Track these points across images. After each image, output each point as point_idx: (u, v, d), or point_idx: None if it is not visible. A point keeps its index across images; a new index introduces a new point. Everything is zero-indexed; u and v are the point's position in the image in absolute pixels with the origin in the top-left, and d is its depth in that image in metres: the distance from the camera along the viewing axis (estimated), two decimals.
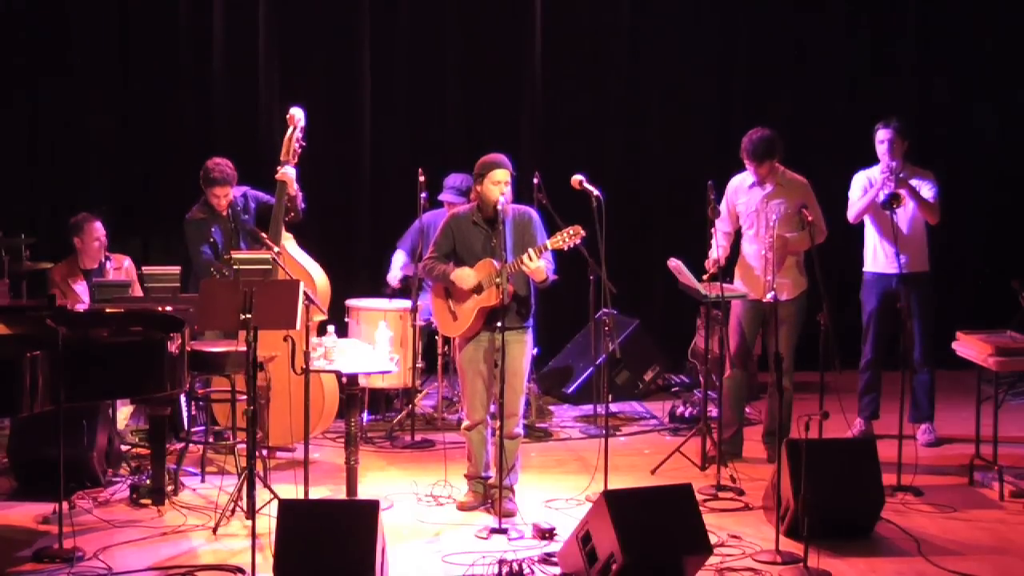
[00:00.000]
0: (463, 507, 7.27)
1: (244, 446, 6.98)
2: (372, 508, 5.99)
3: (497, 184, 7.09)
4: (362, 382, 8.17)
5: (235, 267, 7.30)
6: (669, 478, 7.56)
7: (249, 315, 6.37)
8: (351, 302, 9.10)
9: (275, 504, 6.47)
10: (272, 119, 10.00)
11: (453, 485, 7.48)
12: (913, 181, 8.36)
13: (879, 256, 8.52)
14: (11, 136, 10.26)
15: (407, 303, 8.89)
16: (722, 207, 8.14)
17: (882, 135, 8.40)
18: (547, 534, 6.76)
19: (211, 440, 8.08)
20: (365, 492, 7.37)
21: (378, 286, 9.64)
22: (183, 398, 8.05)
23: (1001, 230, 11.16)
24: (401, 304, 8.99)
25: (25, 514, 7.08)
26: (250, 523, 6.32)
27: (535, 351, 7.48)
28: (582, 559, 6.07)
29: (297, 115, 8.26)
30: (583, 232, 6.98)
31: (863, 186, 8.47)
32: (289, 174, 8.24)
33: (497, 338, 6.93)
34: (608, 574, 5.91)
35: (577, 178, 7.33)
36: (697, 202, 7.94)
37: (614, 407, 9.49)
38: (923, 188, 8.39)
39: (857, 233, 8.69)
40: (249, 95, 10.46)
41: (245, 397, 6.72)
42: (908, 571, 6.41)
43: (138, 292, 8.36)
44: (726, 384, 8.21)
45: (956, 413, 8.91)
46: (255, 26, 10.44)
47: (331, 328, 7.53)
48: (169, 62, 10.43)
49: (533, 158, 10.02)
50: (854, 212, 8.50)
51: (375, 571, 5.80)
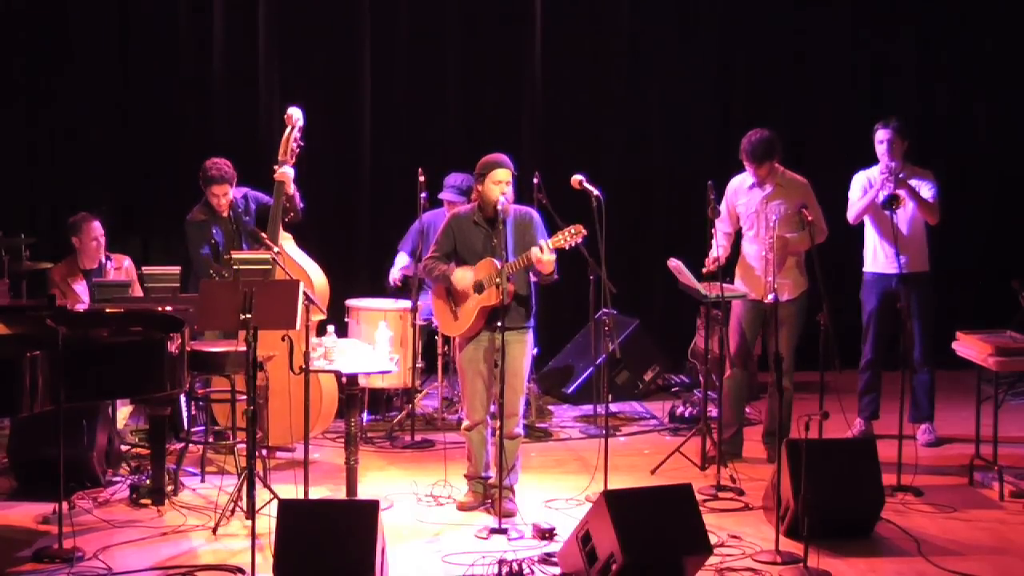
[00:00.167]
0: (463, 507, 7.26)
1: (244, 446, 6.98)
2: (372, 508, 5.99)
3: (498, 184, 7.09)
4: (362, 382, 8.17)
5: (235, 267, 7.30)
6: (669, 478, 7.56)
7: (249, 315, 6.37)
8: (351, 302, 9.10)
9: (275, 504, 6.47)
10: (272, 119, 9.98)
11: (453, 485, 7.48)
12: (913, 181, 8.36)
13: (879, 256, 8.51)
14: (11, 136, 10.25)
15: (407, 303, 8.89)
16: (722, 208, 8.13)
17: (881, 135, 8.39)
18: (547, 534, 6.76)
19: (211, 440, 8.08)
20: (365, 492, 7.37)
21: (378, 286, 9.65)
22: (183, 398, 8.05)
23: (1001, 230, 11.16)
24: (401, 304, 8.99)
25: (25, 514, 7.07)
26: (250, 523, 6.31)
27: (535, 351, 7.48)
28: (582, 559, 6.07)
29: (295, 115, 8.25)
30: (584, 231, 6.98)
31: (863, 187, 8.47)
32: (287, 174, 8.23)
33: (497, 338, 6.93)
34: (608, 574, 5.90)
35: (577, 178, 7.33)
36: (697, 202, 7.94)
37: (614, 407, 9.49)
38: (923, 188, 8.39)
39: (857, 233, 8.69)
40: (249, 95, 10.45)
41: (245, 397, 6.72)
42: (908, 571, 6.41)
43: (138, 292, 8.37)
44: (726, 384, 8.20)
45: (956, 413, 8.91)
46: (255, 26, 10.43)
47: (331, 328, 7.53)
48: (169, 62, 10.42)
49: (533, 158, 10.02)
50: (854, 213, 8.50)
51: (375, 571, 5.80)
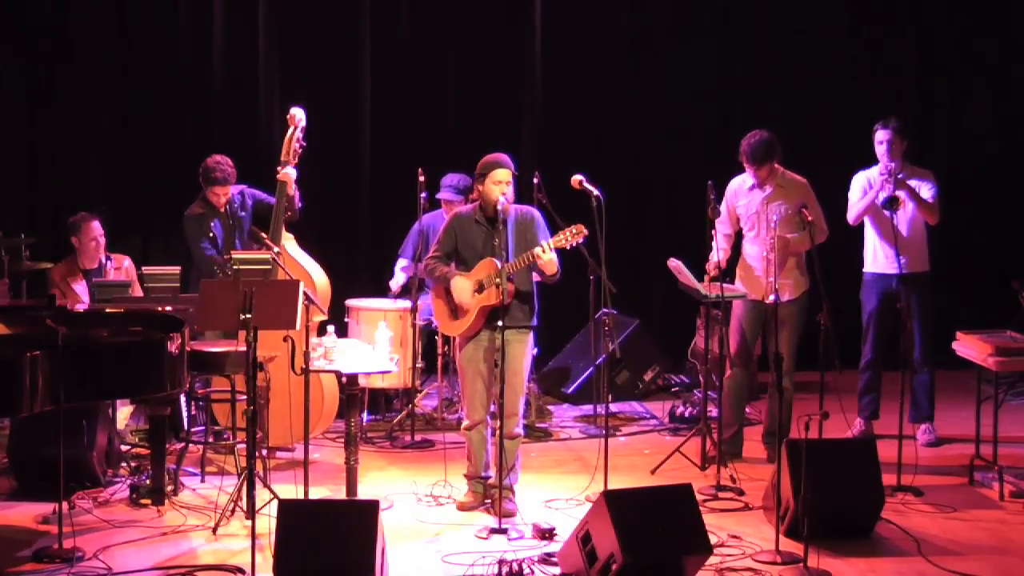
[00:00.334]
0: (463, 507, 7.26)
1: (244, 446, 6.98)
2: (372, 508, 5.99)
3: (498, 184, 7.09)
4: (362, 382, 8.17)
5: (235, 267, 7.30)
6: (669, 478, 7.56)
7: (249, 315, 6.37)
8: (351, 302, 9.10)
9: (275, 504, 6.46)
10: (272, 119, 10.00)
11: (453, 485, 7.48)
12: (912, 181, 8.35)
13: (879, 256, 8.51)
14: (11, 136, 10.25)
15: (407, 303, 8.89)
16: (722, 208, 8.13)
17: (881, 135, 8.39)
18: (547, 534, 6.76)
19: (211, 440, 8.08)
20: (365, 492, 7.37)
21: (378, 286, 9.64)
22: (183, 398, 8.05)
23: (1001, 230, 11.16)
24: (401, 304, 8.99)
25: (25, 514, 7.07)
26: (250, 523, 6.31)
27: (535, 351, 7.48)
28: (582, 559, 6.06)
29: (298, 115, 8.26)
30: (586, 231, 6.98)
31: (862, 187, 8.46)
32: (290, 175, 8.24)
33: (497, 337, 6.93)
34: (608, 574, 5.90)
35: (577, 178, 7.32)
36: (697, 202, 7.94)
37: (614, 407, 9.49)
38: (922, 188, 8.39)
39: (857, 233, 8.68)
40: (249, 95, 10.45)
41: (245, 397, 6.71)
42: (908, 571, 6.40)
43: (138, 292, 8.37)
44: (726, 384, 8.20)
45: (956, 413, 8.91)
46: (255, 26, 10.44)
47: (331, 328, 7.52)
48: (169, 63, 10.43)
49: (533, 158, 10.02)
50: (853, 214, 8.49)
51: (375, 571, 5.80)
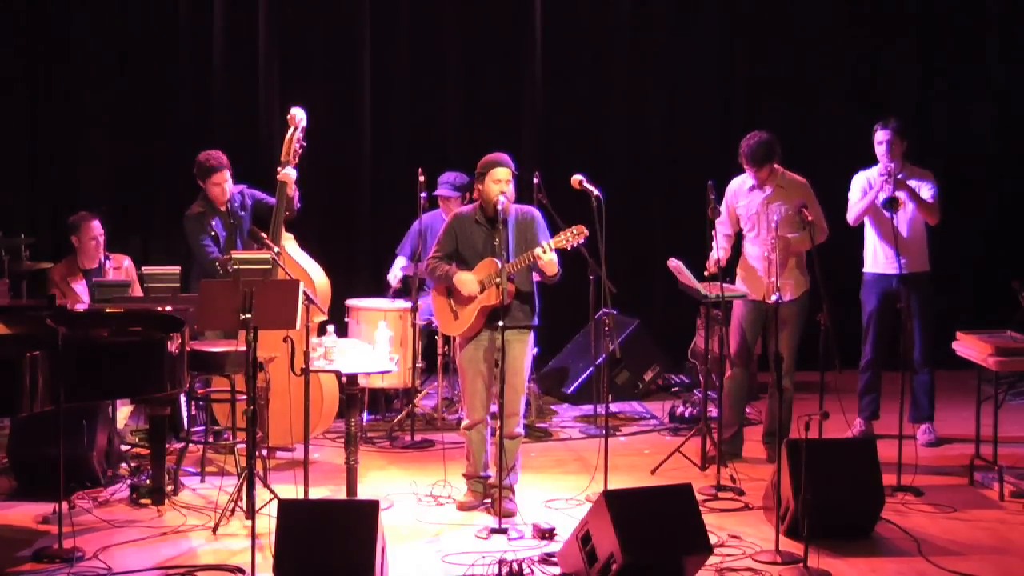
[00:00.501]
0: (463, 507, 7.26)
1: (244, 446, 6.98)
2: (372, 508, 5.99)
3: (498, 183, 7.09)
4: (362, 382, 8.17)
5: (235, 267, 7.30)
6: (669, 478, 7.55)
7: (249, 315, 6.37)
8: (351, 302, 9.10)
9: (275, 504, 6.46)
10: (272, 119, 10.00)
11: (453, 485, 7.48)
12: (912, 182, 8.35)
13: (879, 256, 8.51)
14: (11, 136, 10.26)
15: (407, 303, 8.89)
16: (722, 209, 8.12)
17: (881, 136, 8.38)
18: (547, 534, 6.76)
19: (211, 440, 8.08)
20: (365, 492, 7.37)
21: (378, 286, 9.65)
22: (183, 398, 8.05)
23: (1001, 230, 11.16)
24: (401, 304, 8.99)
25: (25, 514, 7.07)
26: (250, 523, 6.31)
27: (535, 351, 7.48)
28: (582, 559, 6.06)
29: (298, 115, 8.25)
30: (587, 232, 6.98)
31: (862, 188, 8.46)
32: (290, 175, 8.24)
33: (497, 337, 6.93)
34: (608, 574, 5.90)
35: (577, 178, 7.32)
36: (697, 202, 7.94)
37: (614, 407, 9.49)
38: (922, 189, 8.38)
39: (857, 233, 8.68)
40: (249, 95, 10.45)
41: (245, 397, 6.72)
42: (908, 571, 6.40)
43: (138, 292, 8.36)
44: (726, 384, 8.20)
45: (956, 413, 8.91)
46: (255, 26, 10.44)
47: (331, 328, 7.52)
48: (169, 62, 10.43)
49: (533, 158, 10.02)
50: (853, 214, 8.49)
51: (375, 571, 5.80)
